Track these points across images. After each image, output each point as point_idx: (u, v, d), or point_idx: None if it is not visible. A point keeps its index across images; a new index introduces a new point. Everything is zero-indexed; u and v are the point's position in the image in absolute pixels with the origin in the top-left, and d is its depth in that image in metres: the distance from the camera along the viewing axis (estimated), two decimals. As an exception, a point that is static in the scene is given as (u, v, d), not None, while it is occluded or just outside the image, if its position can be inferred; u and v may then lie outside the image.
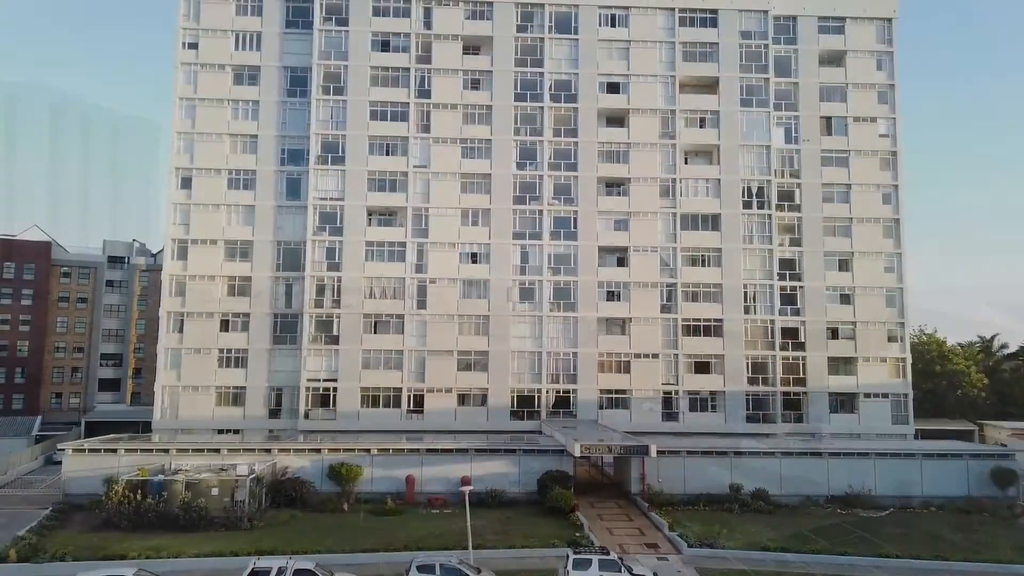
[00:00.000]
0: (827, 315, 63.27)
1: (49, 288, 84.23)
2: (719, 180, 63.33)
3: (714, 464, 49.08)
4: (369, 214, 62.11)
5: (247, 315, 61.19)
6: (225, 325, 61.25)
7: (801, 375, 62.36)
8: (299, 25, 63.43)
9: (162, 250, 71.88)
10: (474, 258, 61.73)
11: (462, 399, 60.67)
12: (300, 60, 63.07)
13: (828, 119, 65.37)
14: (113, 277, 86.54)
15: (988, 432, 70.15)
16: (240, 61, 63.02)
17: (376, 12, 63.22)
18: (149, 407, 65.71)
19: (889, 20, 66.21)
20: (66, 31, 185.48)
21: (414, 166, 61.99)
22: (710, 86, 64.86)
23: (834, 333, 63.59)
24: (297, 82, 63.06)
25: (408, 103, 62.43)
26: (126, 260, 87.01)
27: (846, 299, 63.81)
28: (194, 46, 63.08)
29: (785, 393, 62.00)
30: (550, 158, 62.67)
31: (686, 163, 64.03)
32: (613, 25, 64.14)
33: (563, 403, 60.91)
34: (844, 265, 64.20)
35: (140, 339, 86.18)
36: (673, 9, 64.31)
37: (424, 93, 62.59)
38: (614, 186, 63.63)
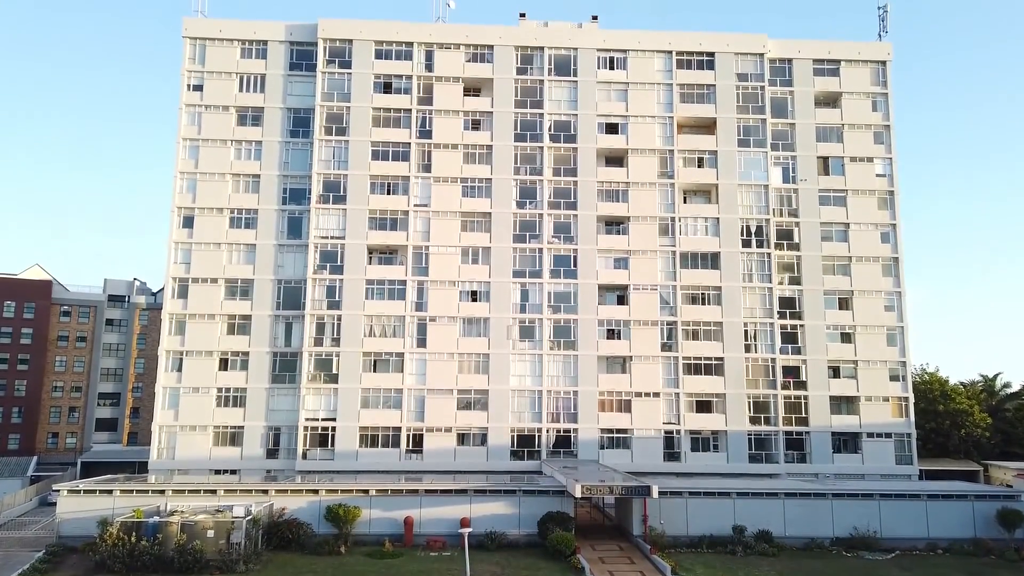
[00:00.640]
0: (828, 354, 63.05)
1: (49, 327, 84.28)
2: (718, 219, 63.70)
3: (717, 505, 48.43)
4: (369, 252, 62.36)
5: (246, 354, 61.03)
6: (224, 364, 61.07)
7: (803, 414, 61.94)
8: (303, 68, 64.44)
9: (162, 289, 71.99)
10: (474, 296, 61.80)
11: (461, 439, 60.19)
12: (303, 101, 63.95)
13: (825, 159, 65.96)
14: (113, 316, 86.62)
15: (993, 473, 69.35)
16: (244, 103, 63.89)
17: (379, 55, 64.31)
18: (146, 447, 65.19)
19: (883, 63, 67.20)
20: (66, 73, 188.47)
21: (415, 205, 62.46)
22: (708, 126, 65.62)
23: (836, 372, 63.33)
24: (300, 123, 63.87)
25: (409, 143, 63.15)
26: (126, 299, 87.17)
27: (847, 338, 63.66)
28: (199, 88, 64.01)
29: (787, 432, 61.51)
30: (550, 197, 63.17)
31: (685, 202, 64.50)
32: (611, 68, 65.16)
33: (564, 442, 60.40)
34: (844, 304, 64.20)
35: (138, 378, 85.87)
36: (670, 52, 65.38)
37: (425, 133, 63.35)
38: (614, 224, 64.01)
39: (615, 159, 64.89)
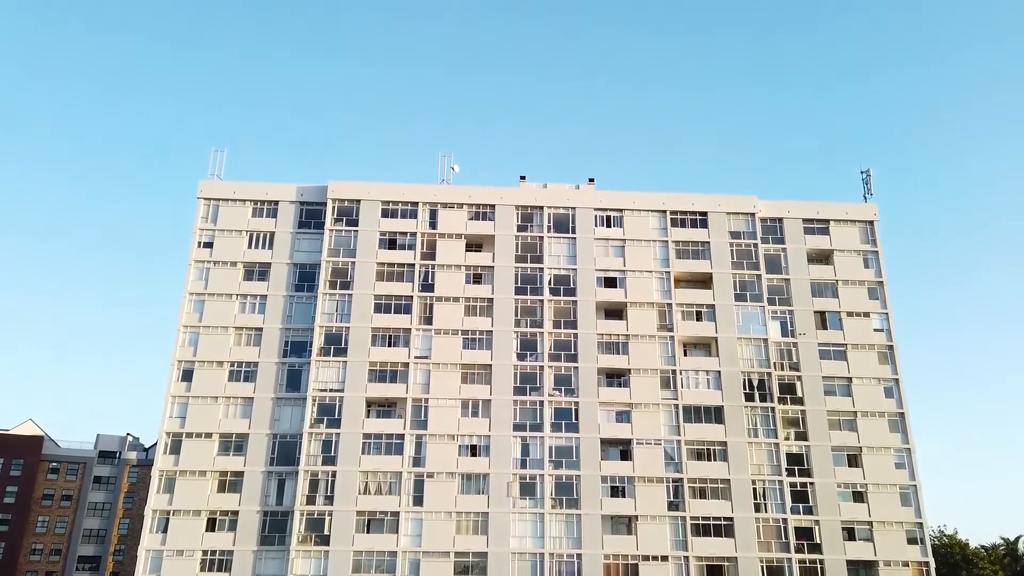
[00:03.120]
0: (841, 514, 60.51)
1: (35, 486, 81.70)
2: (719, 372, 63.43)
3: None
4: (368, 405, 61.63)
5: (235, 513, 58.72)
6: (212, 524, 58.64)
7: (821, 581, 58.44)
8: (311, 225, 66.74)
9: (155, 444, 70.45)
10: (473, 451, 60.35)
11: (459, 608, 56.48)
12: (309, 257, 65.69)
13: (822, 314, 66.53)
14: (102, 473, 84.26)
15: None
16: (252, 259, 65.55)
17: (385, 214, 66.85)
18: (121, 617, 61.08)
19: (871, 222, 69.47)
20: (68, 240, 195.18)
21: (415, 357, 62.48)
22: (704, 281, 66.85)
23: (850, 534, 60.46)
24: (305, 277, 65.21)
25: (412, 296, 64.18)
26: (117, 455, 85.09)
27: (859, 497, 61.35)
28: (209, 245, 65.91)
29: (806, 601, 57.79)
30: (550, 349, 63.29)
31: (685, 355, 64.52)
32: (608, 225, 67.49)
33: (567, 612, 56.62)
34: (853, 461, 62.40)
35: (121, 540, 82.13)
36: (665, 211, 67.96)
37: (427, 287, 64.53)
38: (615, 377, 63.63)
39: (614, 312, 65.58)
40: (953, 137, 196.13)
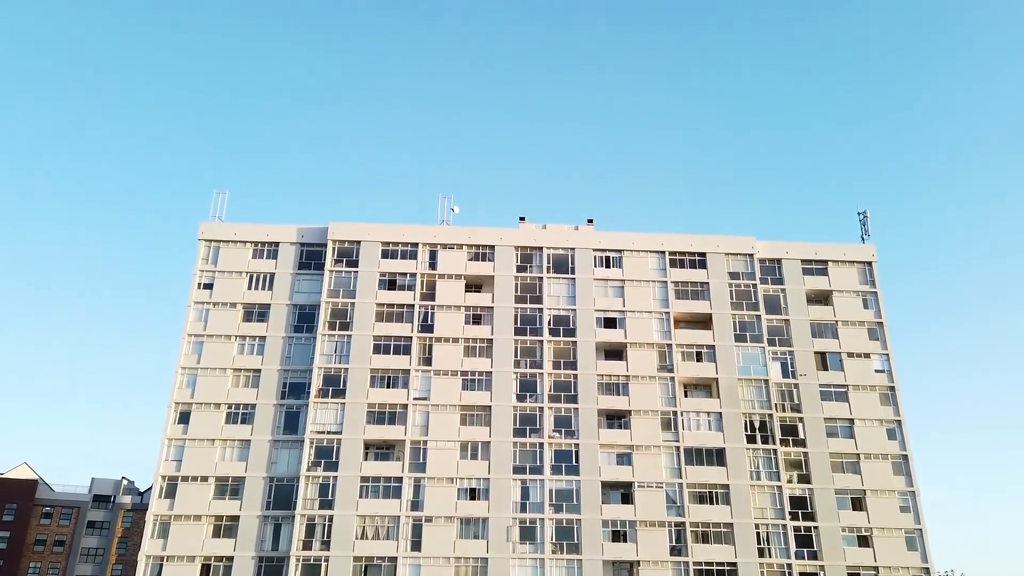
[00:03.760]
0: (846, 559, 59.48)
1: (28, 530, 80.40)
2: (720, 413, 62.92)
3: None
4: (366, 448, 61.04)
5: (230, 559, 57.71)
6: (206, 570, 57.64)
7: (828, 629, 57.17)
8: (311, 267, 66.94)
9: (150, 488, 69.56)
10: (472, 494, 59.54)
11: (457, 657, 55.12)
12: (309, 298, 65.72)
13: (823, 354, 66.29)
14: (96, 517, 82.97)
15: None
16: (252, 300, 65.61)
17: (385, 255, 67.11)
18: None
19: (869, 263, 69.61)
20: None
21: (414, 398, 62.09)
22: (704, 322, 66.76)
23: (857, 580, 59.35)
24: (304, 318, 65.17)
25: (411, 337, 64.05)
26: (112, 499, 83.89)
27: (864, 541, 60.38)
28: (209, 286, 66.01)
29: (813, 652, 56.42)
30: (550, 390, 62.93)
31: (686, 396, 64.10)
32: (608, 266, 67.68)
33: (568, 661, 55.25)
34: (857, 504, 61.57)
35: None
36: (664, 252, 68.21)
37: (427, 328, 64.43)
38: (615, 419, 63.15)
39: (614, 352, 65.37)
40: (949, 176, 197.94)
